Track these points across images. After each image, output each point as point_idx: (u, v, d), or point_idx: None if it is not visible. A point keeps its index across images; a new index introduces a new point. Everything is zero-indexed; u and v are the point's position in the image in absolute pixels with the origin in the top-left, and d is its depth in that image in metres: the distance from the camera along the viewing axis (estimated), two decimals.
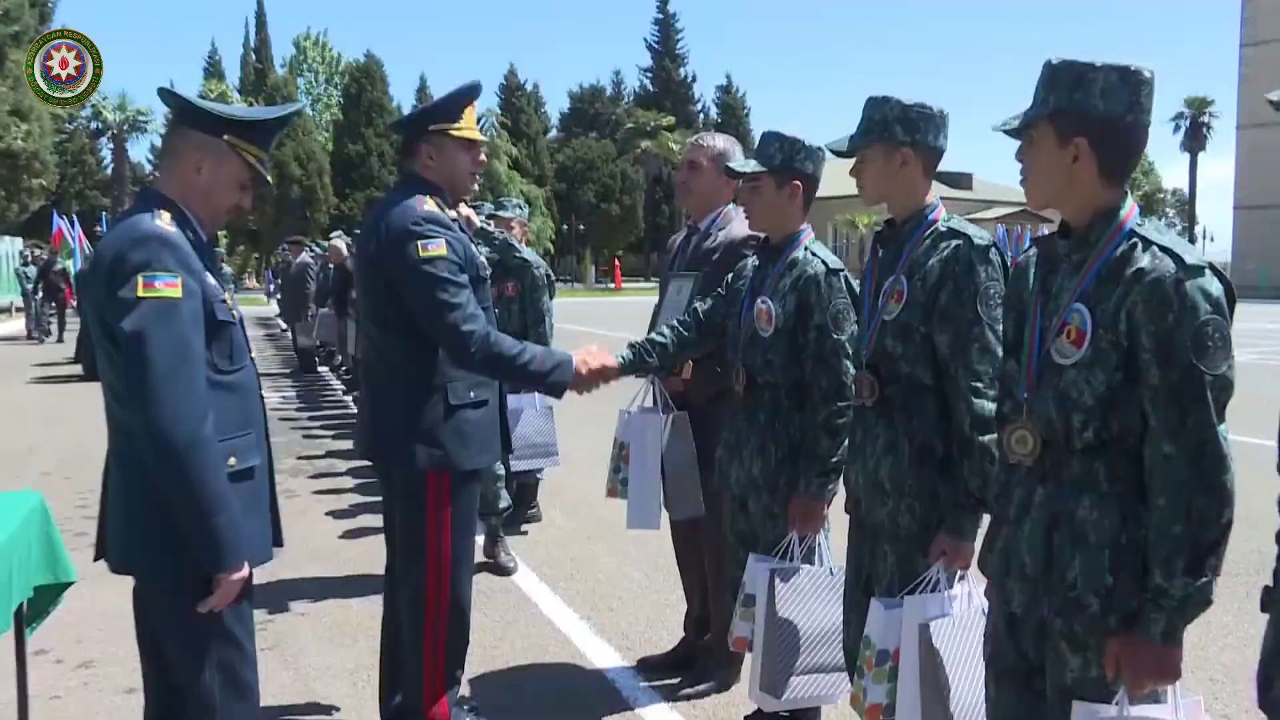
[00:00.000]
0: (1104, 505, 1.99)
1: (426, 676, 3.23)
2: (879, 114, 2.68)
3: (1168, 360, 1.88)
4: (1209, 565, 1.87)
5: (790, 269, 3.16)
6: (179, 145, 2.43)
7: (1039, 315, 2.12)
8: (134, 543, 2.37)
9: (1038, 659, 2.14)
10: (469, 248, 3.16)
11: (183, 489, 2.24)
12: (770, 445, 3.16)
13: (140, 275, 2.22)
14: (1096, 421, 1.97)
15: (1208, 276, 1.91)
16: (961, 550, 2.55)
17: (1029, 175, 2.12)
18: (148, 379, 2.20)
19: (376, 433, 3.22)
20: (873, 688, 2.58)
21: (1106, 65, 1.99)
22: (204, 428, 2.24)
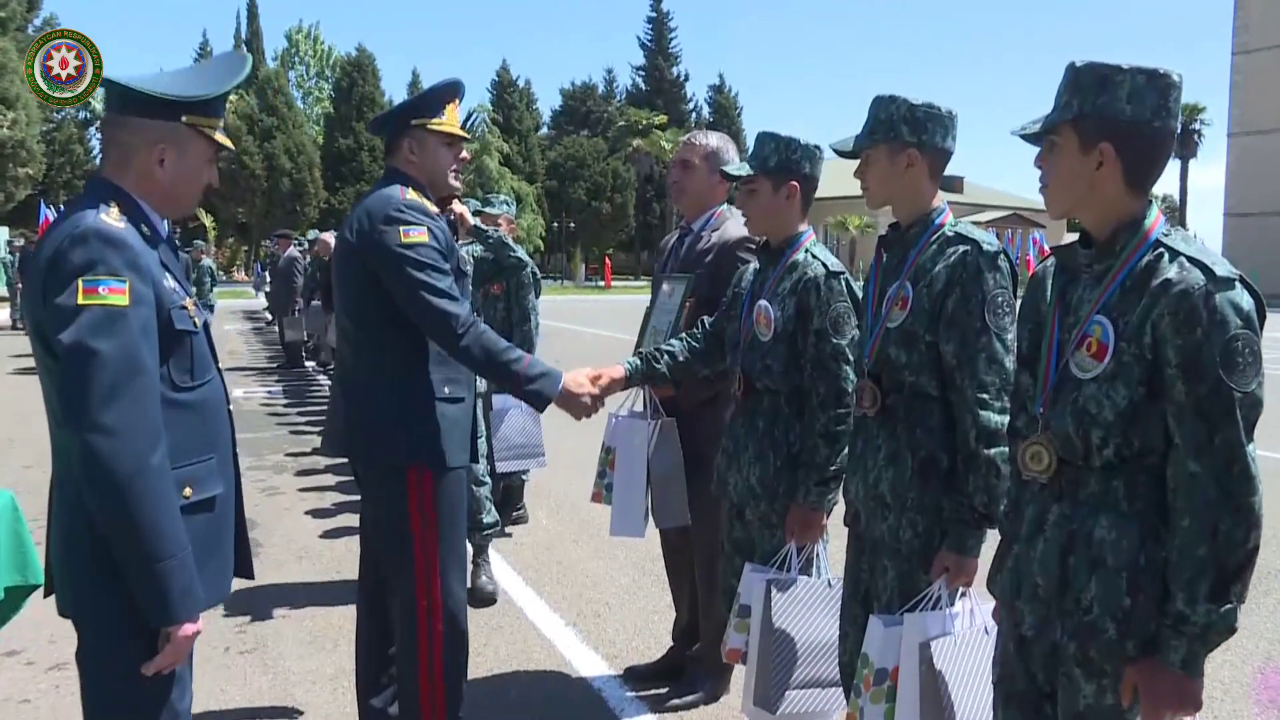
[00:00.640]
0: (1123, 525, 1.90)
1: (424, 701, 3.04)
2: (885, 113, 2.59)
3: (1195, 376, 1.80)
4: (1234, 591, 1.79)
5: (790, 272, 3.07)
6: (130, 139, 2.14)
7: (1056, 327, 2.04)
8: (70, 584, 2.10)
9: (1048, 683, 2.06)
10: (450, 239, 3.09)
11: (125, 528, 1.95)
12: (769, 453, 3.07)
13: (81, 279, 1.95)
14: (1117, 438, 1.89)
15: (1238, 289, 1.82)
16: (965, 567, 2.46)
17: (1050, 182, 2.03)
18: (87, 399, 1.92)
19: (352, 429, 3.10)
20: (870, 707, 2.48)
21: (1134, 68, 1.90)
22: (152, 456, 1.97)
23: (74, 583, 2.08)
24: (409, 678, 3.07)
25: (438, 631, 3.03)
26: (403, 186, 3.04)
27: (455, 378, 3.07)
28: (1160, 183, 13.31)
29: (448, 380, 3.04)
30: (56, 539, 2.12)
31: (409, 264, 2.91)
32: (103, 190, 2.11)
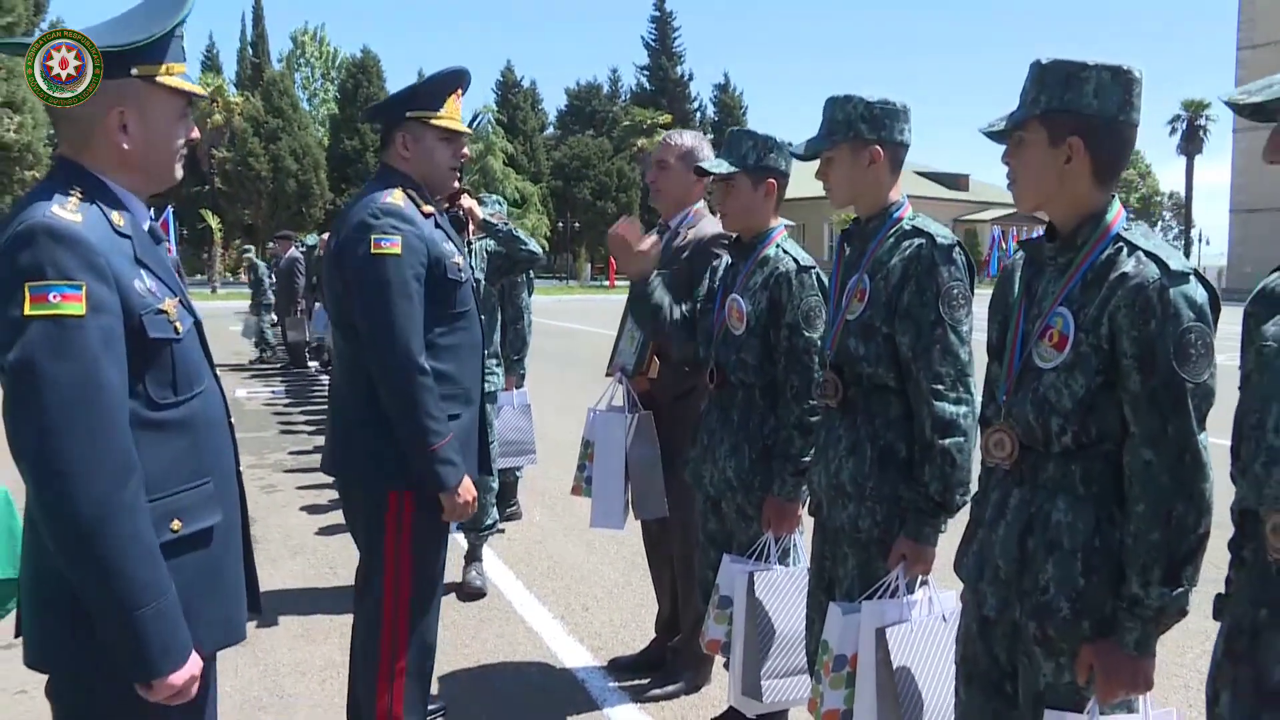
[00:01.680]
0: (1079, 509, 1.97)
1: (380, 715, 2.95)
2: (842, 114, 2.65)
3: (1150, 367, 1.86)
4: (1186, 575, 1.86)
5: (761, 266, 3.14)
6: (81, 110, 1.82)
7: (1022, 318, 2.10)
8: (38, 636, 1.83)
9: (1010, 663, 2.12)
10: (438, 246, 2.88)
11: (92, 576, 1.68)
12: (744, 446, 3.13)
13: (27, 285, 1.66)
14: (1075, 425, 1.95)
15: (1192, 283, 1.89)
16: (921, 555, 2.52)
17: (1019, 178, 2.08)
18: (38, 428, 1.64)
19: (337, 447, 2.98)
20: (829, 693, 2.55)
21: (1098, 64, 1.96)
22: (121, 491, 1.69)
23: (42, 634, 1.82)
24: (367, 703, 2.99)
25: (400, 665, 2.94)
26: (389, 189, 2.88)
27: (452, 393, 2.89)
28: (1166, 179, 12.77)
29: (442, 397, 2.84)
30: (26, 579, 1.86)
31: (370, 276, 2.75)
32: (64, 174, 1.85)
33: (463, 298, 2.97)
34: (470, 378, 3.00)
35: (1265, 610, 1.55)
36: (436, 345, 2.88)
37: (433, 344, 2.87)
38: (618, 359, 3.74)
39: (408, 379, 2.75)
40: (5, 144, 25.63)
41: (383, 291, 2.75)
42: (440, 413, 2.80)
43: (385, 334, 2.75)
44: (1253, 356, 1.66)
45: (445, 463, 2.79)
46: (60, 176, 1.83)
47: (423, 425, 2.76)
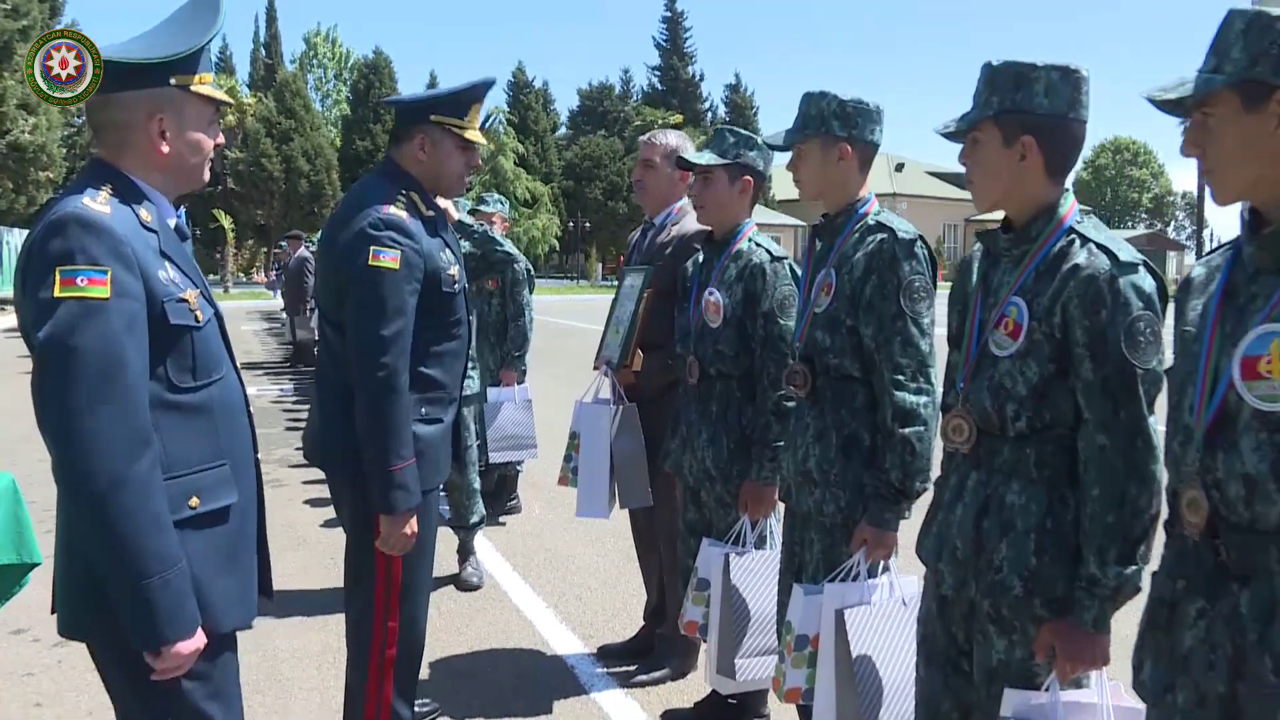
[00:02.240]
0: (1032, 491, 2.05)
1: (368, 712, 3.01)
2: (816, 109, 2.74)
3: (1101, 354, 1.94)
4: (1140, 554, 1.93)
5: (735, 260, 3.24)
6: (123, 116, 1.97)
7: (979, 308, 2.18)
8: (74, 604, 1.96)
9: (966, 641, 2.20)
10: (434, 259, 2.88)
11: (104, 543, 1.79)
12: (722, 436, 3.24)
13: (58, 270, 1.79)
14: (1029, 411, 2.03)
15: (1141, 273, 1.97)
16: (882, 540, 2.60)
17: (975, 178, 2.15)
18: (62, 402, 1.77)
19: (323, 441, 3.02)
20: (791, 672, 2.64)
21: (1047, 65, 2.04)
22: (135, 464, 1.79)
23: (78, 602, 1.95)
24: (357, 690, 3.03)
25: (390, 654, 2.99)
26: (393, 194, 2.86)
27: (435, 397, 2.93)
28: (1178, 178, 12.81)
29: (425, 400, 2.89)
30: (59, 551, 1.98)
31: (368, 289, 2.76)
32: (97, 173, 1.97)
33: (456, 307, 3.00)
34: (454, 382, 3.05)
35: (1182, 582, 1.64)
36: (429, 353, 2.91)
37: (426, 352, 2.89)
38: (604, 353, 3.84)
39: (384, 397, 2.76)
40: (20, 145, 25.89)
41: (376, 304, 2.76)
42: (408, 435, 2.79)
43: (371, 347, 2.75)
44: (1177, 341, 1.75)
45: (400, 487, 2.78)
46: (93, 175, 1.96)
47: (387, 445, 2.75)
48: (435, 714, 3.71)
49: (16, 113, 25.32)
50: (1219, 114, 1.59)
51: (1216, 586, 1.57)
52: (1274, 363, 1.48)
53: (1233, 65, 1.55)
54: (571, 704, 3.84)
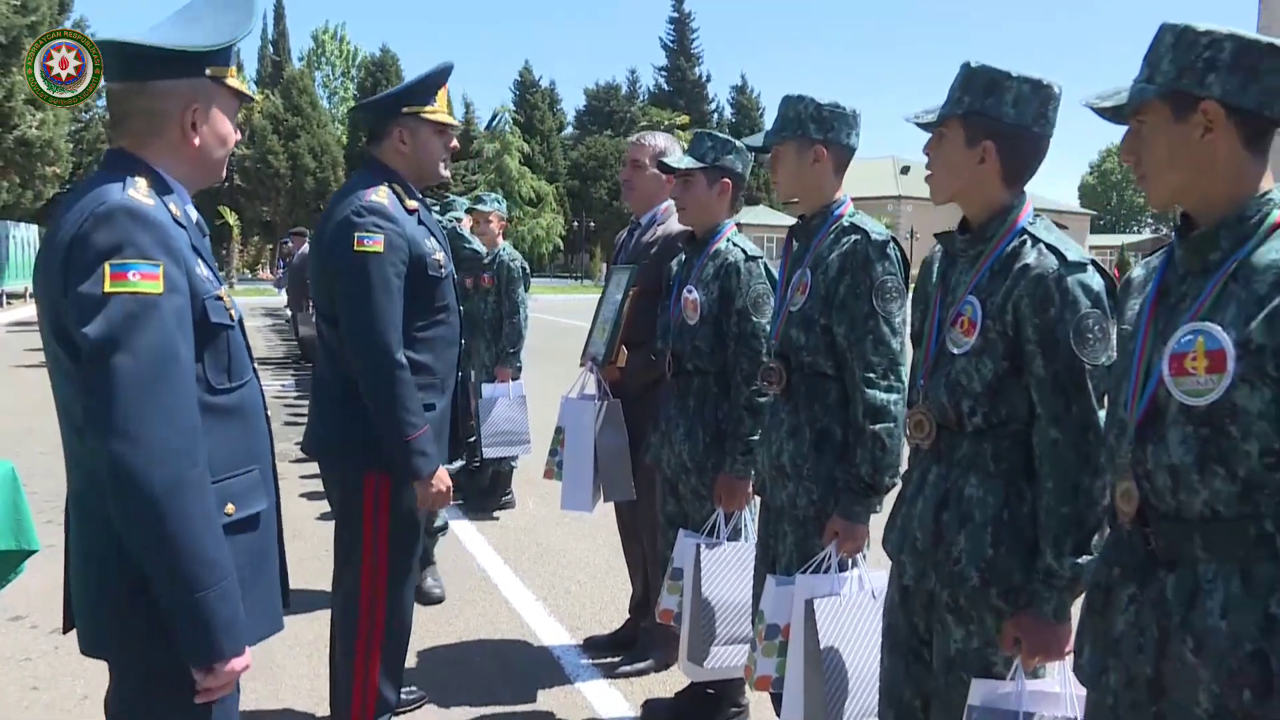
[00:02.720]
0: (989, 485, 2.11)
1: (356, 696, 3.11)
2: (793, 112, 2.82)
3: (1051, 351, 2.01)
4: (1094, 544, 1.99)
5: (713, 259, 3.33)
6: (157, 105, 1.87)
7: (938, 307, 2.25)
8: (100, 619, 1.84)
9: (927, 631, 2.26)
10: (419, 245, 3.00)
11: (162, 552, 1.68)
12: (698, 430, 3.32)
13: (108, 264, 1.69)
14: (985, 407, 2.09)
15: (1089, 272, 2.04)
16: (852, 533, 2.67)
17: (935, 170, 2.22)
18: (116, 402, 1.65)
19: (317, 430, 3.15)
20: (762, 660, 2.72)
21: (1021, 76, 2.10)
22: (192, 469, 1.70)
23: (105, 616, 1.83)
24: (344, 672, 3.13)
25: (377, 634, 3.09)
26: (375, 186, 2.98)
27: (426, 383, 3.02)
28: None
29: (420, 386, 2.97)
30: (79, 566, 1.86)
31: (355, 274, 2.87)
32: (122, 164, 1.86)
33: (443, 293, 3.10)
34: (446, 369, 3.15)
35: (1117, 569, 1.71)
36: (416, 338, 3.02)
37: (413, 337, 3.00)
38: (589, 349, 3.93)
39: (386, 373, 2.88)
40: (28, 140, 26.01)
41: (364, 288, 2.87)
42: (416, 405, 2.92)
43: (365, 329, 2.88)
44: (1116, 339, 1.82)
45: (420, 453, 2.93)
46: (121, 166, 1.85)
47: (399, 418, 2.89)
48: (422, 701, 3.79)
49: (24, 108, 25.45)
50: (1151, 122, 1.66)
51: (1146, 573, 1.64)
52: (1199, 359, 1.55)
53: (1162, 76, 1.62)
54: (556, 693, 3.92)
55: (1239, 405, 1.50)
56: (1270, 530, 1.52)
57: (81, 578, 1.86)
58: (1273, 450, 1.49)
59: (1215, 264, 1.61)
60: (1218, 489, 1.53)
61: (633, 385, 3.85)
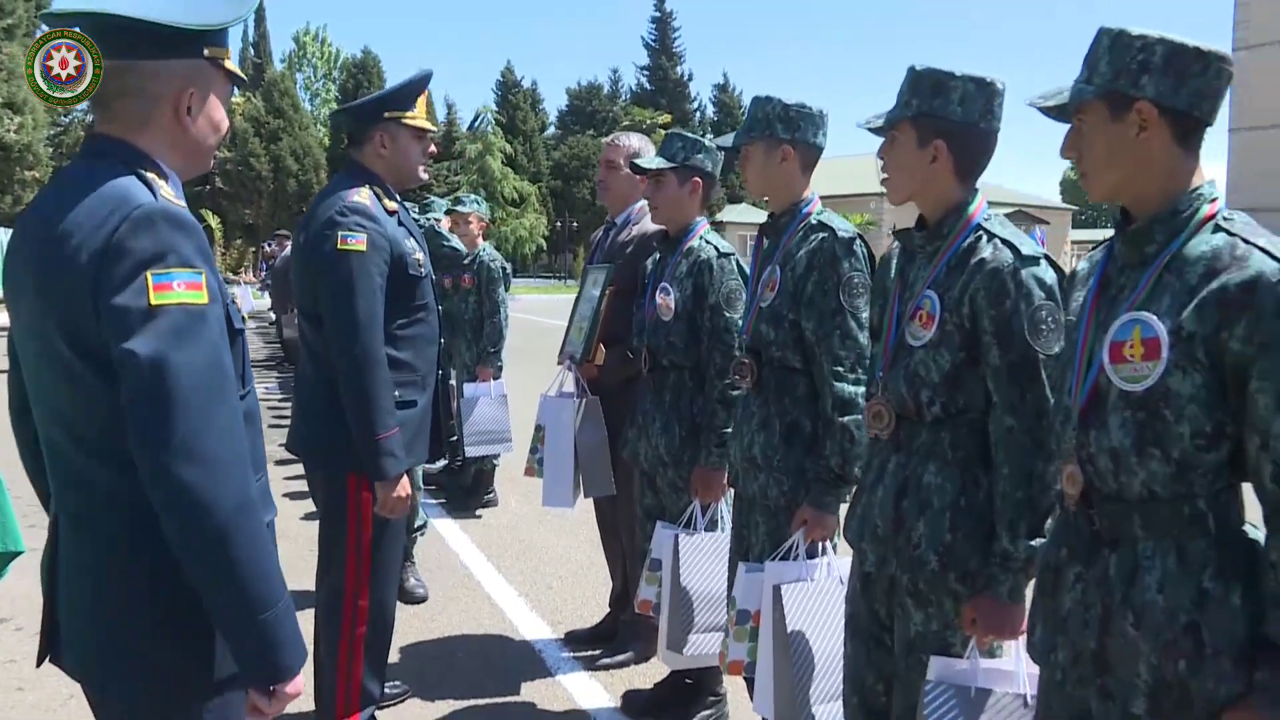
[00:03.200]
0: (947, 472, 2.19)
1: (340, 689, 3.17)
2: (762, 112, 2.89)
3: (1007, 342, 2.09)
4: (1047, 528, 2.07)
5: (687, 256, 3.40)
6: (150, 86, 1.70)
7: (897, 302, 2.32)
8: (94, 646, 1.70)
9: (888, 616, 2.34)
10: (400, 245, 3.07)
11: (232, 578, 1.58)
12: (674, 424, 3.39)
13: (150, 273, 1.56)
14: (943, 397, 2.17)
15: (1042, 266, 2.12)
16: (821, 522, 2.74)
17: (890, 172, 2.30)
18: (174, 422, 1.53)
19: (300, 429, 3.22)
20: (734, 645, 2.80)
21: (965, 75, 2.19)
22: (251, 485, 1.63)
23: (109, 645, 1.69)
24: (329, 666, 3.19)
25: (361, 629, 3.16)
26: (356, 188, 3.05)
27: (407, 380, 3.09)
28: None
29: (400, 384, 3.05)
30: (76, 590, 1.72)
31: (338, 272, 2.94)
32: (123, 154, 1.70)
33: (422, 291, 3.18)
34: (426, 366, 3.21)
35: (1065, 550, 1.79)
36: (397, 336, 3.09)
37: (394, 335, 3.07)
38: (567, 348, 3.99)
39: (365, 370, 2.94)
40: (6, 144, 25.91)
41: (347, 286, 2.94)
42: (391, 406, 2.96)
43: (348, 326, 2.94)
44: (1063, 330, 1.90)
45: (388, 454, 2.97)
46: (120, 156, 1.69)
47: (372, 415, 2.94)
48: (406, 695, 3.85)
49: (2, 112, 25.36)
50: (1090, 121, 1.74)
51: (1091, 552, 1.72)
52: (1135, 347, 1.63)
53: (1100, 78, 1.71)
54: (538, 685, 3.98)
55: (1172, 390, 1.58)
56: (1203, 509, 1.61)
57: (77, 600, 1.72)
58: (1203, 432, 1.57)
59: (1151, 256, 1.69)
60: (1154, 470, 1.61)
61: (610, 382, 3.91)
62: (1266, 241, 1.60)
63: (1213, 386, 1.56)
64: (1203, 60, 1.67)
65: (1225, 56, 1.68)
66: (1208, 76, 1.67)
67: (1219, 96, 1.70)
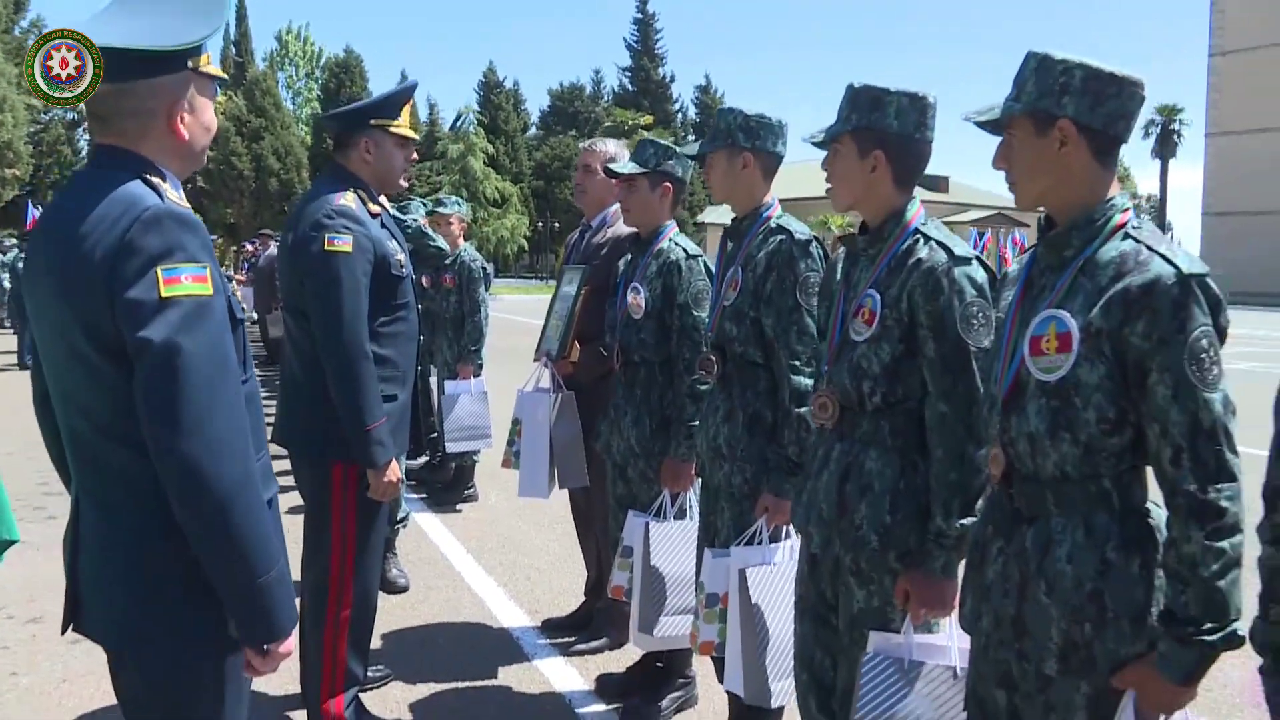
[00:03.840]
0: (887, 458, 2.36)
1: (325, 671, 3.31)
2: (724, 123, 3.06)
3: (940, 335, 2.26)
4: (978, 508, 2.23)
5: (656, 258, 3.57)
6: (146, 104, 1.86)
7: (842, 301, 2.50)
8: (120, 613, 1.85)
9: (833, 596, 2.51)
10: (383, 246, 3.21)
11: (232, 546, 1.73)
12: (645, 417, 3.56)
13: (160, 268, 1.72)
14: (883, 387, 2.34)
15: (974, 265, 2.30)
16: (781, 508, 2.89)
17: (834, 182, 2.47)
18: (183, 402, 1.69)
19: (285, 420, 3.33)
20: (704, 626, 2.97)
21: (899, 90, 2.36)
22: (252, 460, 1.79)
23: (130, 611, 1.83)
24: (314, 649, 3.33)
25: (344, 614, 3.31)
26: (341, 191, 3.19)
27: (391, 375, 3.23)
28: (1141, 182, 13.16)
29: (382, 379, 3.18)
30: (97, 563, 1.86)
31: (325, 272, 3.08)
32: (131, 162, 1.85)
33: (404, 291, 3.34)
34: (407, 362, 3.37)
35: (990, 526, 1.97)
36: (380, 333, 3.24)
37: (377, 332, 3.22)
38: (544, 345, 4.15)
39: (352, 364, 3.10)
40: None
41: (334, 285, 3.10)
42: (377, 397, 3.12)
43: (335, 323, 3.09)
44: (993, 325, 2.08)
45: (377, 443, 3.14)
46: (126, 164, 1.85)
47: (360, 407, 3.10)
48: (388, 678, 4.00)
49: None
50: (1018, 136, 1.91)
51: (1011, 528, 1.90)
52: (1051, 341, 1.81)
53: (1027, 97, 1.89)
54: (515, 670, 4.14)
55: (1081, 379, 1.76)
56: (1108, 488, 1.79)
57: (98, 573, 1.86)
58: (1107, 419, 1.75)
59: (1068, 260, 1.87)
60: (1065, 452, 1.79)
61: (585, 378, 4.08)
62: (1166, 249, 1.77)
63: (1116, 377, 1.74)
64: (1117, 84, 1.84)
65: (1138, 81, 1.86)
66: (1122, 99, 1.85)
67: (1132, 117, 1.88)
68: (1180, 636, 1.68)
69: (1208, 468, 1.68)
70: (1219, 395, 1.70)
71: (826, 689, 2.56)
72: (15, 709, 3.76)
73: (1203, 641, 1.67)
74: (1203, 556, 1.67)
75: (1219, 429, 1.69)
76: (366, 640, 3.49)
